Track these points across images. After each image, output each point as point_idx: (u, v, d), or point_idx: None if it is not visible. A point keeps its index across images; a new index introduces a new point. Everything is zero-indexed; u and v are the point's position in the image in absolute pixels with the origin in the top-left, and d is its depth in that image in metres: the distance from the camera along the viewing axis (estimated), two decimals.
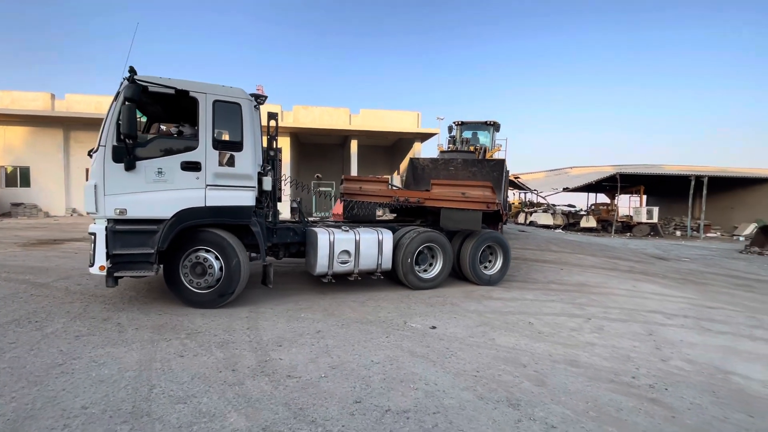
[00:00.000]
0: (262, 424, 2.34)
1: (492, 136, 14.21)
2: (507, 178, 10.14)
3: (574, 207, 26.32)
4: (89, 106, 18.51)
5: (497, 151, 14.30)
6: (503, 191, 8.46)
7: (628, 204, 24.34)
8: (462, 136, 13.96)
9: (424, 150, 22.13)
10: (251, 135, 4.67)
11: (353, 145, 21.09)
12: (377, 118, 21.42)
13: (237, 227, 4.73)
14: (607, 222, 20.44)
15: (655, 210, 20.20)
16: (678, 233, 20.55)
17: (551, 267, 8.45)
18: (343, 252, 5.32)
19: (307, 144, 24.38)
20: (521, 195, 31.78)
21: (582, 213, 23.61)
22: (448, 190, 6.22)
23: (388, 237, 5.68)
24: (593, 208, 24.00)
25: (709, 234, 20.17)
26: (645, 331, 4.45)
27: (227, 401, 2.58)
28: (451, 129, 14.33)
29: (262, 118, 5.30)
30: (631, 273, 8.26)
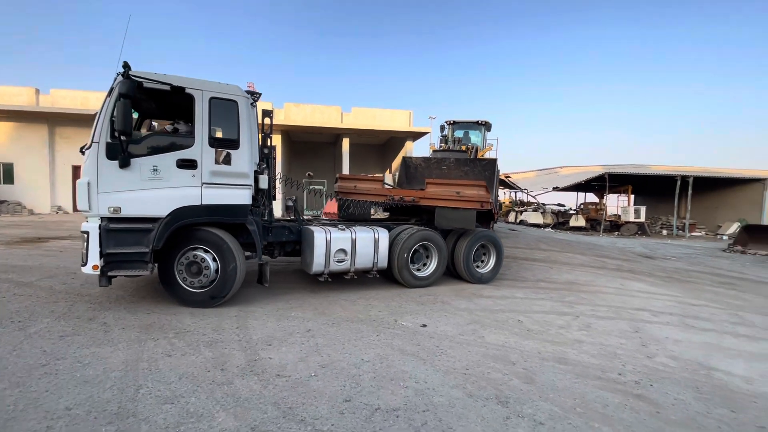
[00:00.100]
0: (250, 423, 2.33)
1: (483, 135, 14.29)
2: (498, 178, 10.21)
3: (563, 206, 26.61)
4: (75, 102, 18.11)
5: (488, 150, 14.40)
6: (494, 190, 8.52)
7: (616, 203, 24.78)
8: (454, 136, 14.01)
9: (415, 149, 22.13)
10: (248, 133, 4.63)
11: (345, 143, 21.01)
12: (369, 117, 21.35)
13: (233, 226, 4.68)
14: (595, 221, 20.70)
15: (643, 209, 20.58)
16: (664, 232, 20.94)
17: (541, 265, 8.54)
18: (340, 251, 5.31)
19: (298, 142, 24.21)
20: (512, 194, 32.07)
21: (571, 212, 23.86)
22: (443, 189, 6.25)
23: (384, 236, 5.69)
24: (582, 207, 24.26)
25: (694, 233, 20.58)
26: (632, 329, 4.52)
27: (215, 401, 2.56)
28: (443, 128, 14.39)
29: (257, 116, 5.24)
30: (619, 271, 8.39)
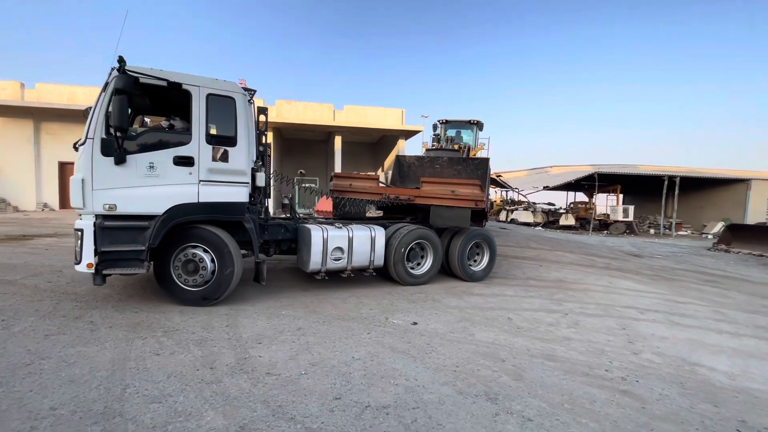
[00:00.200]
0: (240, 422, 2.31)
1: (475, 134, 14.37)
2: (489, 177, 10.28)
3: (553, 205, 26.86)
4: (61, 97, 17.71)
5: (480, 149, 14.47)
6: (486, 189, 8.56)
7: (605, 203, 25.12)
8: (446, 135, 14.06)
9: (408, 147, 22.15)
10: (245, 130, 4.58)
11: (337, 141, 20.91)
12: (361, 115, 21.27)
13: (230, 224, 4.64)
14: (585, 220, 20.95)
15: (631, 209, 20.89)
16: (652, 231, 21.28)
17: (531, 264, 8.63)
18: (337, 249, 5.30)
19: (290, 139, 24.04)
20: (503, 193, 32.30)
21: (561, 211, 24.11)
22: (438, 188, 6.28)
23: (380, 234, 5.70)
24: (572, 206, 24.52)
25: (680, 232, 20.96)
26: (619, 326, 4.59)
27: (204, 400, 2.54)
28: (435, 127, 14.40)
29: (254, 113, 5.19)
30: (608, 269, 8.51)
